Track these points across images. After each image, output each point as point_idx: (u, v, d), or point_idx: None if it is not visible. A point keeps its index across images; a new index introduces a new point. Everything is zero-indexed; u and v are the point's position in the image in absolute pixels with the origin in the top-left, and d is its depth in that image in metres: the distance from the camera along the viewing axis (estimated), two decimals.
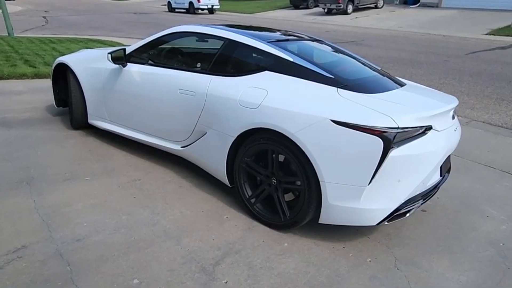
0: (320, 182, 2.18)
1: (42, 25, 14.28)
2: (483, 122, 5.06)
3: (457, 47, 12.25)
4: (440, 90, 2.98)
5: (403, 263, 2.22)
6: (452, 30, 16.75)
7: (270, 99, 2.38)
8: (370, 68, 2.91)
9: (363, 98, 2.26)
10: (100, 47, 7.79)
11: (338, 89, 2.34)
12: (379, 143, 2.01)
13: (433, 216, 2.75)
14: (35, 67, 6.51)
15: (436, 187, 2.45)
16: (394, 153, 2.03)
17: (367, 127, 2.04)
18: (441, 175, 2.48)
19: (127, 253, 2.16)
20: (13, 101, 4.89)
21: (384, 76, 2.82)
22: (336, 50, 3.20)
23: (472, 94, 6.50)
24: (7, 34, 10.09)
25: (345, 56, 3.08)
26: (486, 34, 15.53)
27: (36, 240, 2.22)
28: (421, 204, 2.35)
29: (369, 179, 2.06)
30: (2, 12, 9.89)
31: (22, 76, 6.11)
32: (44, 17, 17.36)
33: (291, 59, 2.57)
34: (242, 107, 2.49)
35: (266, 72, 2.58)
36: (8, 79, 5.99)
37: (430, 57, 10.17)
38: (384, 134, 2.02)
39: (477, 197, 3.06)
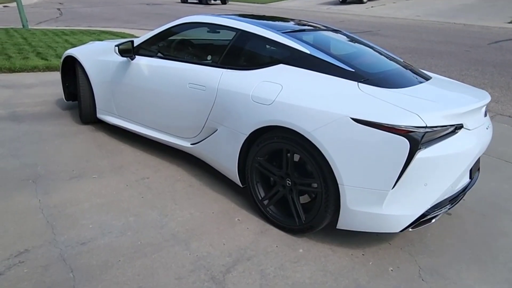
0: (339, 185, 2.01)
1: (56, 17, 14.30)
2: (509, 116, 4.79)
3: (479, 37, 11.78)
4: (462, 82, 2.77)
5: (428, 273, 2.05)
6: (473, 18, 16.17)
7: (285, 94, 2.22)
8: (392, 60, 2.71)
9: (387, 93, 2.08)
10: (112, 39, 7.69)
11: (359, 83, 2.15)
12: (404, 143, 1.83)
13: (459, 220, 2.57)
14: (47, 60, 6.46)
15: (464, 191, 2.26)
16: (421, 154, 1.85)
17: (392, 126, 1.86)
18: (470, 178, 2.28)
19: (134, 259, 2.05)
20: (24, 94, 4.84)
21: (407, 69, 2.62)
22: (355, 41, 3.00)
23: (496, 86, 6.19)
24: (21, 27, 10.11)
25: (365, 47, 2.88)
26: (510, 23, 14.93)
27: (39, 243, 2.12)
28: (448, 209, 2.17)
29: (393, 183, 1.89)
30: (17, 4, 9.90)
31: (33, 68, 6.07)
32: (59, 9, 17.40)
33: (307, 51, 2.40)
34: (255, 103, 2.33)
35: (281, 65, 2.41)
36: (20, 71, 5.95)
37: (450, 47, 9.79)
38: (411, 134, 1.84)
39: (506, 198, 2.85)
